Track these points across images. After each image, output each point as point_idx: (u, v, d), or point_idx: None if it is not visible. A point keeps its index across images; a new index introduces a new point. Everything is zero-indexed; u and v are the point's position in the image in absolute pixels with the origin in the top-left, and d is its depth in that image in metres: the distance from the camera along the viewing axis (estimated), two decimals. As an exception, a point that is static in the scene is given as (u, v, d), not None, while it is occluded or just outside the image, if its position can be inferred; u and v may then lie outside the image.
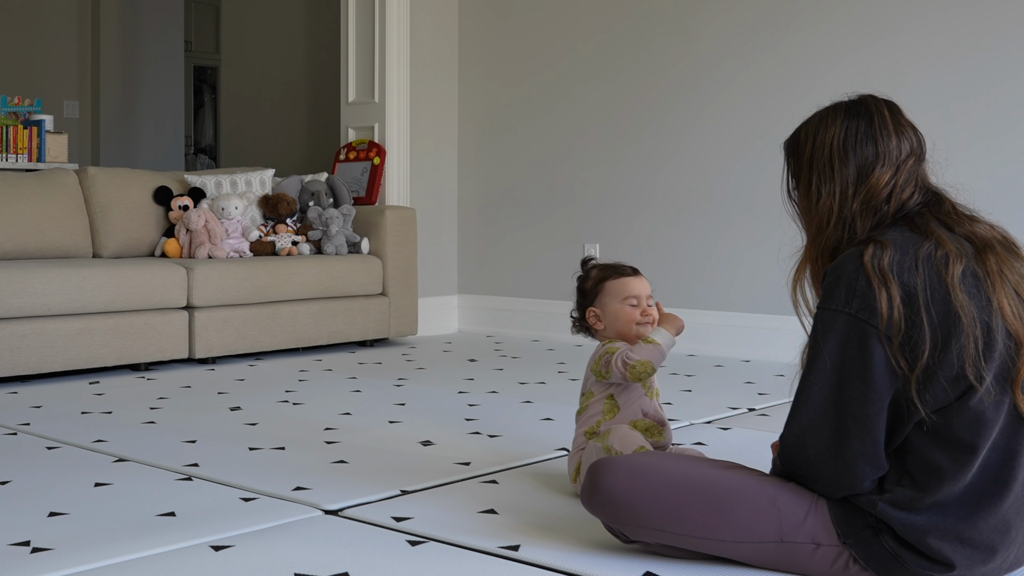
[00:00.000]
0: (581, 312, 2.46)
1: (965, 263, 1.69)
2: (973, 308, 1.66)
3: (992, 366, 1.65)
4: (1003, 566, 1.73)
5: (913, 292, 1.66)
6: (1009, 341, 1.68)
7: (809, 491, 1.78)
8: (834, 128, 1.83)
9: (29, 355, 3.98)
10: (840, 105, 1.87)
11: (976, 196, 1.94)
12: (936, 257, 1.69)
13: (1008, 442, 1.67)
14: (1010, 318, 1.67)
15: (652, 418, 2.35)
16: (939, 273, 1.68)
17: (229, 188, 5.14)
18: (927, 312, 1.65)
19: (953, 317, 1.65)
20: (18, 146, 6.37)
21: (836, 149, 1.81)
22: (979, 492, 1.67)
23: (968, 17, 4.28)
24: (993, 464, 1.67)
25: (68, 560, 1.97)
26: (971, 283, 1.68)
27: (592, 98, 5.36)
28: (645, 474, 1.86)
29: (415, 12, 5.65)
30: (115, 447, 2.91)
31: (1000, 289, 1.68)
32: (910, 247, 1.71)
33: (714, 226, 4.92)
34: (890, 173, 1.79)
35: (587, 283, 2.45)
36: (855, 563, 1.75)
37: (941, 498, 1.67)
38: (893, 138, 1.81)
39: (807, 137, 1.86)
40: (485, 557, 1.99)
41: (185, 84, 9.74)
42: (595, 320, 2.43)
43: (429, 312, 5.67)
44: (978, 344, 1.64)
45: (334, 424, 3.24)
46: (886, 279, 1.66)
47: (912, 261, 1.69)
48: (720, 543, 1.82)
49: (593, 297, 2.43)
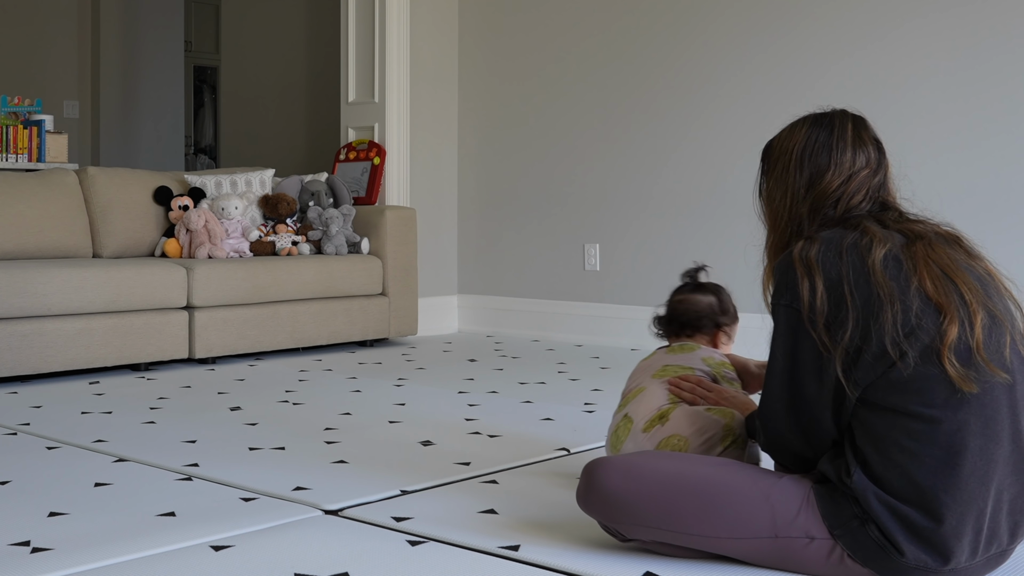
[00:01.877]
0: (713, 325, 2.52)
1: (888, 248, 1.80)
2: (893, 287, 1.75)
3: (914, 341, 1.71)
4: (979, 541, 1.73)
5: (837, 279, 1.78)
6: (934, 314, 1.73)
7: (802, 486, 1.81)
8: (798, 136, 1.97)
9: (29, 355, 3.98)
10: (809, 116, 2.01)
11: (977, 195, 1.96)
12: (861, 244, 1.81)
13: (952, 414, 1.71)
14: (932, 293, 1.75)
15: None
16: (862, 258, 1.79)
17: (229, 188, 5.14)
18: (851, 296, 1.76)
19: (874, 297, 1.75)
20: (18, 146, 6.37)
21: (795, 156, 1.96)
22: (939, 466, 1.70)
23: (969, 16, 4.28)
24: (945, 436, 1.70)
25: (68, 560, 1.97)
26: (892, 265, 1.78)
27: (592, 98, 5.36)
28: (639, 473, 1.88)
29: (415, 12, 5.65)
30: (115, 447, 2.91)
31: (923, 270, 1.78)
32: (837, 239, 1.84)
33: (715, 226, 4.92)
34: (840, 180, 1.93)
35: (731, 305, 2.56)
36: (848, 556, 1.77)
37: (903, 473, 1.71)
38: (848, 151, 1.94)
39: (776, 143, 2.01)
40: (485, 557, 1.99)
41: (185, 84, 9.74)
42: (726, 340, 2.52)
43: (429, 312, 5.67)
44: (896, 320, 1.72)
45: (334, 424, 3.24)
46: (811, 269, 1.79)
47: (837, 251, 1.81)
48: (715, 540, 1.83)
49: (733, 320, 2.54)
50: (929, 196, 2.22)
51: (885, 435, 1.72)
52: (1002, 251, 2.48)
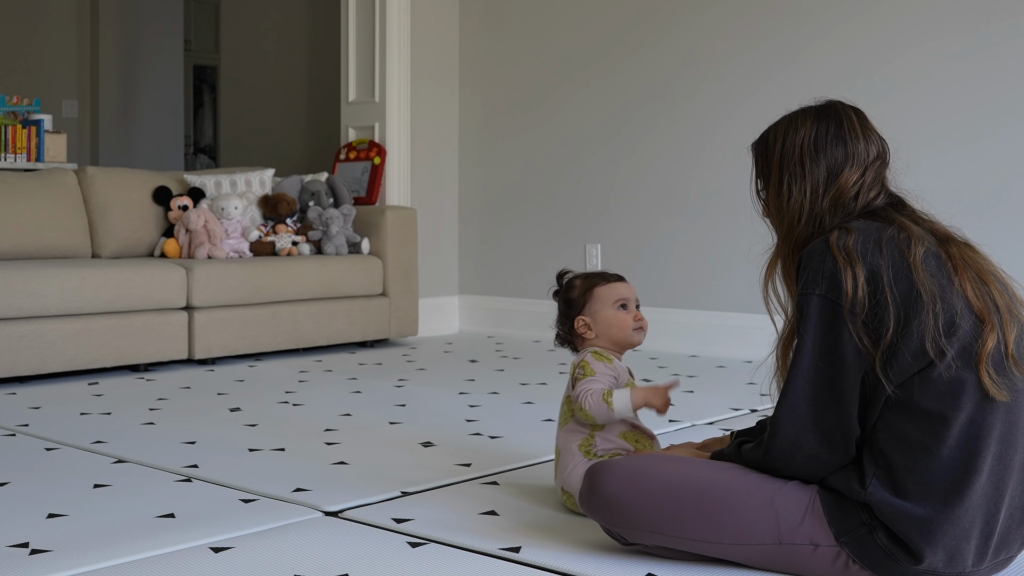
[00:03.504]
0: (569, 323, 2.33)
1: (927, 246, 1.76)
2: (934, 286, 1.71)
3: (953, 342, 1.69)
4: (988, 545, 1.72)
5: (877, 271, 1.72)
6: (973, 319, 1.71)
7: (806, 492, 1.78)
8: (804, 130, 1.90)
9: (28, 356, 3.97)
10: (809, 109, 1.94)
11: (978, 195, 1.96)
12: (899, 239, 1.77)
13: (980, 417, 1.69)
14: (973, 298, 1.72)
15: (641, 431, 2.27)
16: (902, 253, 1.74)
17: (229, 188, 5.13)
18: (890, 290, 1.71)
19: (915, 294, 1.70)
20: (17, 146, 6.35)
21: (806, 150, 1.88)
22: (957, 468, 1.68)
23: (970, 13, 4.27)
24: (968, 440, 1.68)
25: (67, 562, 1.96)
26: (933, 263, 1.75)
27: (593, 98, 5.35)
28: (642, 477, 1.86)
29: (416, 11, 5.64)
30: (114, 448, 2.90)
31: (963, 272, 1.75)
32: (873, 231, 1.79)
33: (716, 226, 4.91)
34: (858, 174, 1.87)
35: (573, 292, 2.33)
36: (854, 563, 1.75)
37: (922, 475, 1.68)
38: (861, 141, 1.89)
39: (776, 139, 1.93)
40: (486, 559, 1.99)
41: (185, 83, 9.72)
42: (585, 329, 2.30)
43: (430, 313, 5.66)
44: (938, 320, 1.69)
45: (334, 425, 3.23)
46: (851, 259, 1.73)
47: (876, 243, 1.76)
48: (718, 546, 1.82)
49: (582, 306, 2.31)
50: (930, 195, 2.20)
51: (910, 435, 1.69)
52: (1004, 252, 2.47)
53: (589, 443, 2.24)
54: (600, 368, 2.24)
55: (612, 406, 2.17)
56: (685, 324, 4.94)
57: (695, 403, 3.63)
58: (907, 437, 1.69)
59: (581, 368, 2.25)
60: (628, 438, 2.24)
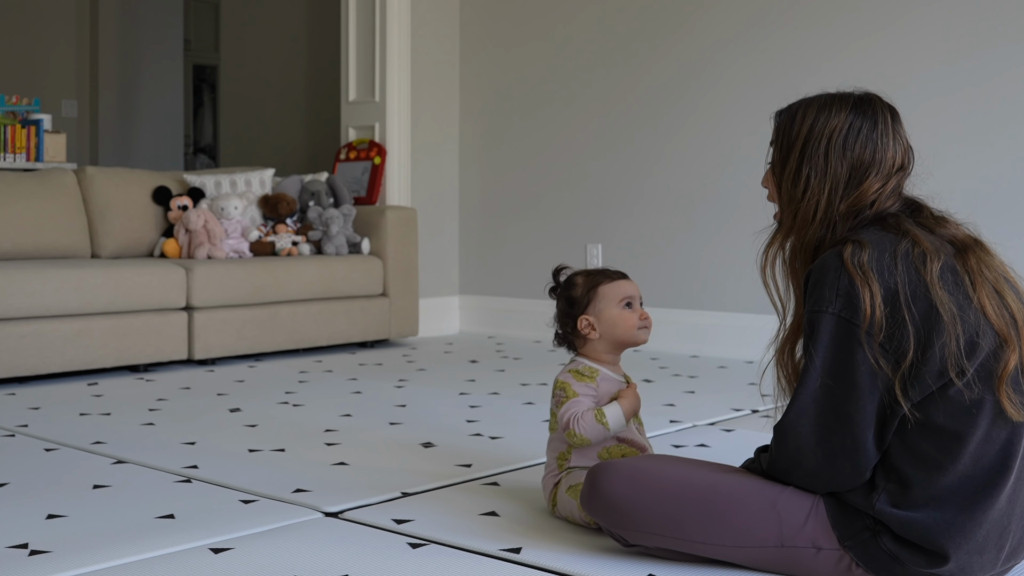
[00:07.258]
0: (572, 323, 2.22)
1: (943, 260, 1.70)
2: (953, 305, 1.66)
3: (974, 362, 1.65)
4: (999, 557, 1.71)
5: (893, 289, 1.66)
6: (993, 337, 1.67)
7: (809, 495, 1.77)
8: (838, 119, 1.80)
9: (27, 356, 3.97)
10: (847, 97, 1.84)
11: (979, 195, 1.93)
12: (914, 255, 1.70)
13: (998, 433, 1.67)
14: (993, 316, 1.68)
15: (630, 444, 2.20)
16: (918, 270, 1.68)
17: (229, 188, 5.13)
18: (908, 310, 1.65)
19: (934, 314, 1.65)
20: (16, 145, 6.35)
21: (835, 142, 1.79)
22: (974, 484, 1.66)
23: (972, 11, 4.27)
24: (987, 455, 1.66)
25: (66, 563, 1.95)
26: (950, 280, 1.69)
27: (594, 97, 5.35)
28: (644, 478, 1.85)
29: (416, 11, 5.63)
30: (114, 449, 2.90)
31: (981, 287, 1.69)
32: (887, 245, 1.71)
33: (718, 226, 4.91)
34: (880, 183, 1.79)
35: (575, 291, 2.22)
36: (857, 566, 1.74)
37: (935, 492, 1.66)
38: (891, 147, 1.80)
39: (805, 117, 1.82)
40: (486, 560, 1.98)
41: (184, 83, 9.72)
42: (589, 329, 2.19)
43: (430, 313, 5.66)
44: (959, 341, 1.64)
45: (334, 426, 3.22)
46: (867, 277, 1.66)
47: (891, 259, 1.69)
48: (720, 548, 1.81)
49: (585, 305, 2.20)
50: (948, 197, 2.17)
51: (923, 452, 1.66)
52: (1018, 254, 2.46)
53: (565, 456, 2.21)
54: (581, 390, 2.17)
55: (608, 426, 2.12)
56: (686, 324, 4.94)
57: (696, 404, 3.63)
58: (921, 453, 1.67)
59: (562, 390, 2.19)
60: (614, 453, 2.17)
